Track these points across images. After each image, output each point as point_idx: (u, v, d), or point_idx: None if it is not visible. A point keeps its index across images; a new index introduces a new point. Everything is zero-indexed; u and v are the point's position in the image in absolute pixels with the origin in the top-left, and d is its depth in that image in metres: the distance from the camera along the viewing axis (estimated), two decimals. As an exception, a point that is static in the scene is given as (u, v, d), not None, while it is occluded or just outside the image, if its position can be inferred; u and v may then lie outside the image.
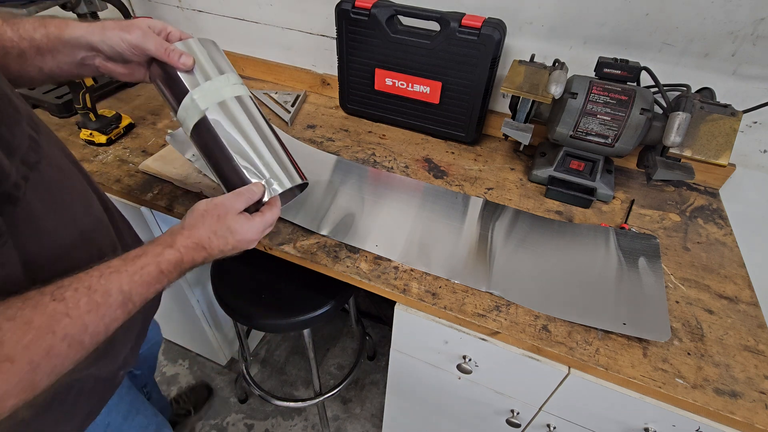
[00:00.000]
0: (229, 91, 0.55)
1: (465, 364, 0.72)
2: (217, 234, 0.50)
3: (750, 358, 0.62)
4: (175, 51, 0.52)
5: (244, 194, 0.52)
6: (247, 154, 0.54)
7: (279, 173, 0.55)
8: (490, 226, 0.79)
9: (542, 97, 0.78)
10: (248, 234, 0.52)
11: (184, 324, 1.26)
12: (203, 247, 0.49)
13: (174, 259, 0.46)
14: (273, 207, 0.55)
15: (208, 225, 0.50)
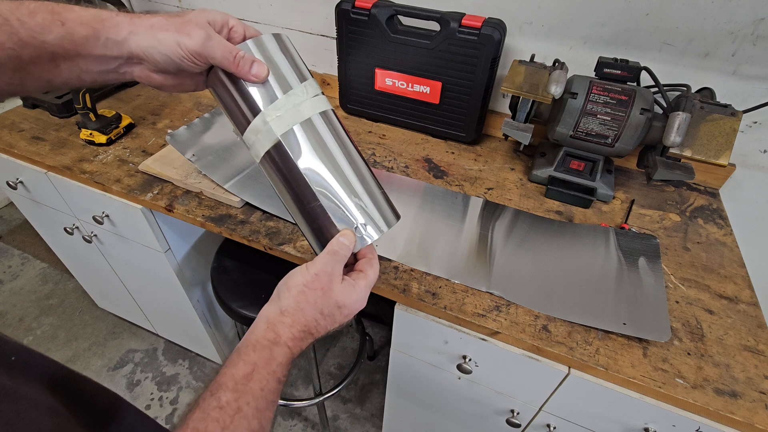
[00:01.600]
0: (311, 107, 0.42)
1: (465, 364, 0.72)
2: (324, 314, 0.40)
3: (750, 358, 0.62)
4: (246, 59, 0.40)
5: (340, 253, 0.41)
6: (336, 192, 0.42)
7: (374, 214, 0.44)
8: (490, 226, 0.79)
9: (542, 97, 0.78)
10: (356, 305, 0.42)
11: (184, 324, 1.26)
12: (311, 333, 0.40)
13: (285, 359, 0.37)
14: (372, 260, 0.45)
15: (312, 304, 0.40)
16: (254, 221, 0.79)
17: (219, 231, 0.79)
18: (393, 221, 0.46)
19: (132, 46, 0.38)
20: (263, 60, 0.41)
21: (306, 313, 0.39)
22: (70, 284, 1.71)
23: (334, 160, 0.42)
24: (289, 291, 0.40)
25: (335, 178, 0.42)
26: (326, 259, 0.41)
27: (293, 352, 0.38)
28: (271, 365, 0.36)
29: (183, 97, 1.14)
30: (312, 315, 0.39)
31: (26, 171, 0.97)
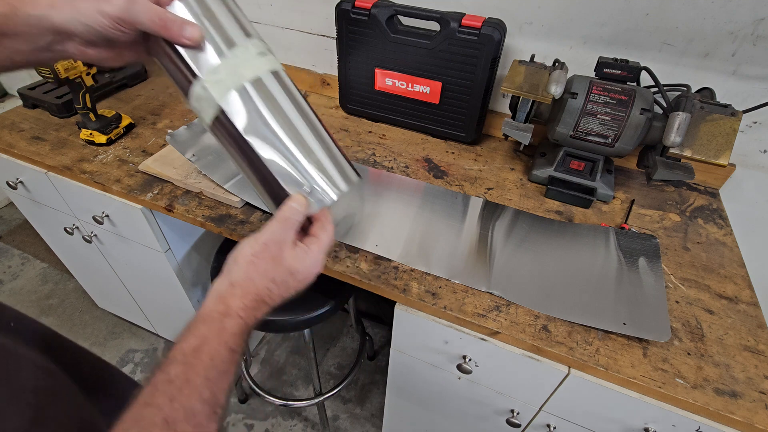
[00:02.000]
0: (253, 69, 0.40)
1: (465, 364, 0.72)
2: (276, 282, 0.40)
3: (750, 358, 0.62)
4: (175, 21, 0.37)
5: (290, 220, 0.41)
6: (285, 156, 0.41)
7: (330, 176, 0.43)
8: (490, 226, 0.79)
9: (542, 97, 0.78)
10: (310, 269, 0.42)
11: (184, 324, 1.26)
12: (264, 302, 0.39)
13: (238, 329, 0.37)
14: (325, 224, 0.44)
15: (262, 273, 0.39)
16: (254, 221, 0.79)
17: (219, 231, 0.79)
18: (351, 182, 0.44)
19: (54, 20, 0.36)
20: (196, 21, 0.38)
21: (256, 283, 0.39)
22: (70, 284, 1.71)
23: (282, 124, 0.41)
24: (237, 263, 0.40)
25: (283, 142, 0.41)
26: (275, 228, 0.40)
27: (247, 322, 0.37)
28: (223, 336, 0.35)
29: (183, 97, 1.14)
30: (263, 284, 0.39)
31: (26, 171, 0.97)
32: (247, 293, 0.38)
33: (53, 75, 0.82)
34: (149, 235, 0.94)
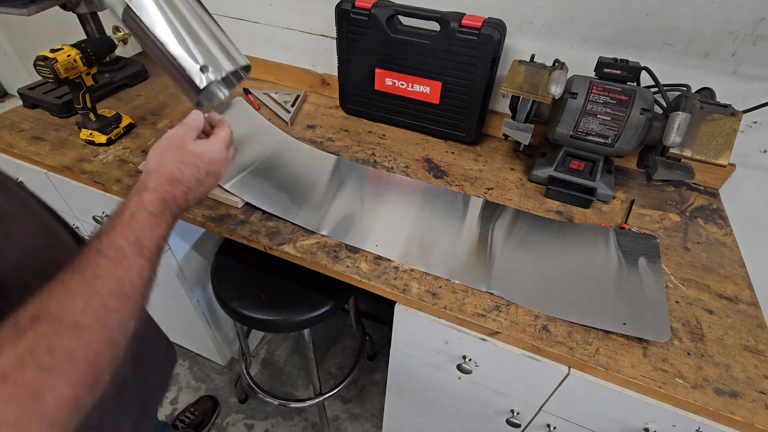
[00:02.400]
0: None
1: (465, 364, 0.72)
2: (184, 163, 0.49)
3: (750, 358, 0.62)
4: None
5: (191, 122, 0.53)
6: (179, 40, 0.52)
7: (217, 58, 0.54)
8: (490, 226, 0.79)
9: (542, 97, 0.78)
10: (214, 153, 0.52)
11: (184, 324, 1.26)
12: (178, 180, 0.47)
13: (155, 198, 0.44)
14: (221, 122, 0.56)
15: (170, 158, 0.48)
16: (254, 221, 0.79)
17: (219, 231, 0.79)
18: (237, 63, 0.55)
19: None
20: None
21: (167, 164, 0.47)
22: (70, 284, 1.70)
23: (177, 15, 0.52)
24: (150, 157, 0.49)
25: (178, 30, 0.52)
26: (177, 128, 0.52)
27: (164, 196, 0.45)
28: (140, 202, 0.43)
29: (183, 97, 1.14)
30: (173, 164, 0.48)
31: (26, 171, 0.97)
32: (161, 174, 0.47)
33: (53, 75, 0.82)
34: (149, 235, 0.94)
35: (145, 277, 0.38)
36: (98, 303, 0.33)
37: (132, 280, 0.37)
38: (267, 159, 0.91)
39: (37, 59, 0.82)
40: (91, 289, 0.33)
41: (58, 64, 0.82)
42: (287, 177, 0.87)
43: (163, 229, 0.43)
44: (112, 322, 0.33)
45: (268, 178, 0.86)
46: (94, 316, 0.32)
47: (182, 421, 1.29)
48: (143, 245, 0.39)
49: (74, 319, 0.30)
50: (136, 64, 1.20)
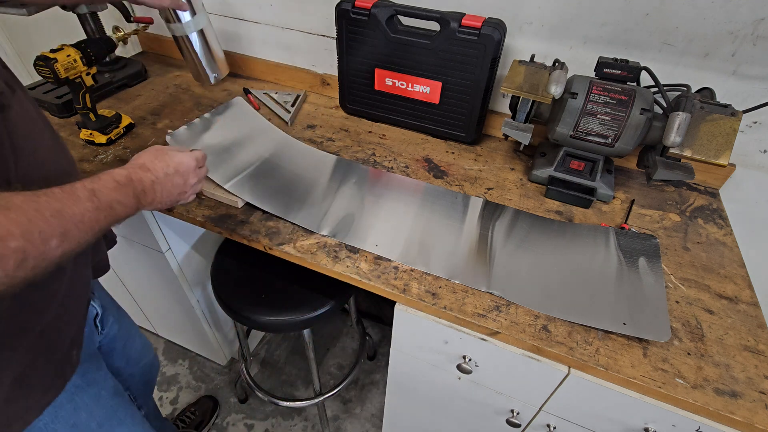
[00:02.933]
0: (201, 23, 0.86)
1: (465, 364, 0.72)
2: (157, 158, 0.59)
3: (750, 358, 0.62)
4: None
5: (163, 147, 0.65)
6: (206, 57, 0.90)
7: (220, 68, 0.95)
8: (490, 226, 0.79)
9: (542, 97, 0.78)
10: (185, 159, 0.62)
11: (184, 324, 1.26)
12: (147, 168, 0.56)
13: (123, 173, 0.52)
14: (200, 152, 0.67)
15: (147, 154, 0.60)
16: (254, 221, 0.79)
17: (219, 231, 0.79)
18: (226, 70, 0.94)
19: None
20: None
21: (142, 156, 0.59)
22: (70, 284, 1.70)
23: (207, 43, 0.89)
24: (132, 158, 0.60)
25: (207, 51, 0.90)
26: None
27: (132, 175, 0.53)
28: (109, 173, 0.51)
29: (183, 97, 1.14)
30: (147, 157, 0.58)
31: (26, 171, 0.97)
32: (135, 162, 0.57)
33: (53, 75, 0.82)
34: (149, 235, 0.94)
35: (87, 219, 0.44)
36: (33, 207, 0.39)
37: (73, 211, 0.42)
38: (267, 159, 0.91)
39: (37, 59, 0.82)
40: (31, 202, 0.39)
41: (58, 64, 0.82)
42: (287, 177, 0.87)
43: (121, 196, 0.50)
44: (39, 224, 0.38)
45: (268, 178, 0.86)
46: (25, 211, 0.38)
47: (182, 421, 1.29)
48: (95, 195, 0.46)
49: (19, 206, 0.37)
50: (136, 64, 1.20)
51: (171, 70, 1.26)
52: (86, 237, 0.44)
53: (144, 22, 1.09)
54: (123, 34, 1.01)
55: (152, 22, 1.12)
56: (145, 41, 1.35)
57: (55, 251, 0.40)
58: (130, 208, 0.51)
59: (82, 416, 0.57)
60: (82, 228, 0.43)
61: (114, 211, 0.48)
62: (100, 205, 0.46)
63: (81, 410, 0.57)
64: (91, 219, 0.44)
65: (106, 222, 0.47)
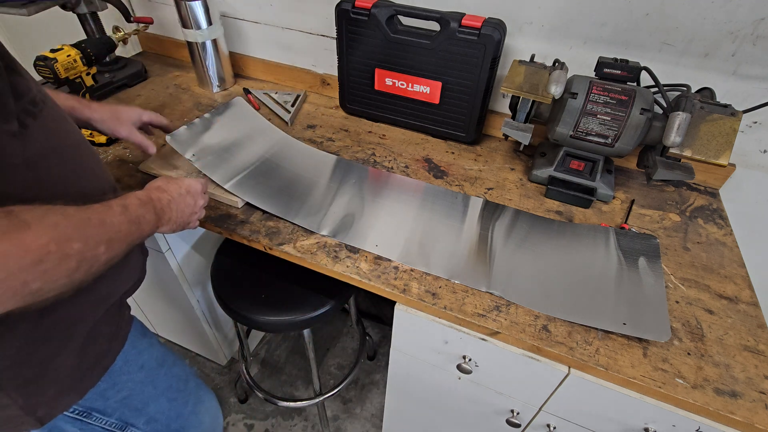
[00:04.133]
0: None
1: (465, 364, 0.72)
2: (169, 182, 0.65)
3: (750, 358, 0.62)
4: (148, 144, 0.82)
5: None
6: None
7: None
8: (490, 226, 0.79)
9: (542, 97, 0.78)
10: (192, 182, 0.68)
11: (184, 324, 1.26)
12: (163, 190, 0.62)
13: (143, 194, 0.57)
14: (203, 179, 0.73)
15: (161, 179, 0.65)
16: (254, 221, 0.79)
17: (219, 231, 0.79)
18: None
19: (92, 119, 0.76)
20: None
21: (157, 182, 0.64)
22: (70, 284, 1.70)
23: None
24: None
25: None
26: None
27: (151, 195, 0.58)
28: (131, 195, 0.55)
29: (183, 97, 1.14)
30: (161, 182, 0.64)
31: (26, 171, 0.97)
32: (151, 185, 0.63)
33: (53, 75, 0.82)
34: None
35: (123, 230, 0.49)
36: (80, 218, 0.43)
37: (113, 221, 0.47)
38: (267, 159, 0.91)
39: (37, 59, 0.82)
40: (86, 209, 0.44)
41: (58, 64, 0.82)
42: (287, 177, 0.87)
43: (145, 212, 0.54)
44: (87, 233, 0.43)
45: (268, 178, 0.86)
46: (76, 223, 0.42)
47: None
48: (127, 210, 0.50)
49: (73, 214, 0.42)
50: (136, 64, 1.20)
51: (171, 70, 1.26)
52: (123, 247, 0.49)
53: (144, 22, 1.10)
54: (123, 34, 1.02)
55: (152, 22, 1.12)
56: (145, 41, 1.35)
57: (102, 256, 0.45)
58: (152, 224, 0.56)
59: (144, 357, 0.68)
60: (121, 237, 0.48)
61: (140, 226, 0.53)
62: (131, 218, 0.51)
63: (143, 353, 0.68)
64: (125, 231, 0.49)
65: (137, 235, 0.52)
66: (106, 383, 0.62)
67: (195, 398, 0.80)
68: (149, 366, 0.69)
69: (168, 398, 0.73)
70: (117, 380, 0.63)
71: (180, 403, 0.76)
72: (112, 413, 0.64)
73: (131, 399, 0.66)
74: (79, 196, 0.51)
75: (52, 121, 0.50)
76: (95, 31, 1.11)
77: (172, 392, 0.74)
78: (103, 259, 0.45)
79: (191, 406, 0.79)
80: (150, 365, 0.69)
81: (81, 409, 0.60)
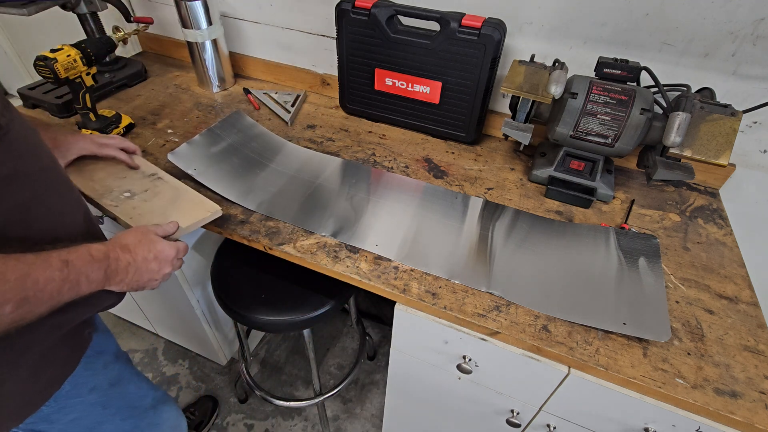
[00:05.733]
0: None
1: (465, 364, 0.72)
2: (140, 243, 0.59)
3: (750, 358, 0.62)
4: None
5: (161, 225, 0.65)
6: None
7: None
8: (490, 226, 0.79)
9: (542, 97, 0.78)
10: (166, 248, 0.62)
11: (184, 324, 1.26)
12: (129, 250, 0.57)
13: (102, 249, 0.53)
14: (183, 244, 0.67)
15: (133, 235, 0.59)
16: (254, 221, 0.79)
17: (219, 231, 0.79)
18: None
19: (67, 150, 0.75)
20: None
21: (127, 237, 0.59)
22: (70, 284, 1.70)
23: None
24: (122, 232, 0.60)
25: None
26: (150, 225, 0.64)
27: (110, 254, 0.54)
28: (89, 247, 0.52)
29: (183, 97, 1.14)
30: (132, 240, 0.58)
31: (26, 171, 0.97)
32: (118, 240, 0.57)
33: (53, 75, 0.82)
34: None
35: (48, 288, 0.45)
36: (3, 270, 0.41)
37: (37, 278, 0.43)
38: (268, 167, 0.91)
39: (37, 59, 0.82)
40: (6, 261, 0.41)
41: (58, 64, 0.82)
42: (288, 180, 0.88)
43: (92, 271, 0.50)
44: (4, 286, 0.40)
45: (270, 185, 0.86)
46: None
47: None
48: (67, 266, 0.47)
49: None
50: (136, 64, 1.20)
51: (171, 70, 1.26)
52: (42, 309, 0.45)
53: (144, 22, 1.09)
54: (123, 34, 1.01)
55: (152, 22, 1.12)
56: (145, 41, 1.35)
57: (6, 317, 0.41)
58: (97, 283, 0.52)
59: (98, 379, 0.66)
60: (43, 298, 0.44)
61: (78, 285, 0.49)
62: (68, 276, 0.47)
63: (96, 375, 0.66)
64: (53, 290, 0.45)
65: (69, 295, 0.48)
66: (51, 407, 0.59)
67: (153, 412, 0.80)
68: (101, 387, 0.67)
69: (122, 417, 0.72)
70: (64, 404, 0.61)
71: (136, 419, 0.76)
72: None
73: (81, 420, 0.65)
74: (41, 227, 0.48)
75: (17, 146, 0.47)
76: (95, 31, 1.11)
77: (125, 411, 0.73)
78: (7, 320, 0.41)
79: (149, 419, 0.79)
80: (102, 386, 0.67)
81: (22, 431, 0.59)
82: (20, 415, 0.56)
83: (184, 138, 0.97)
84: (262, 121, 1.06)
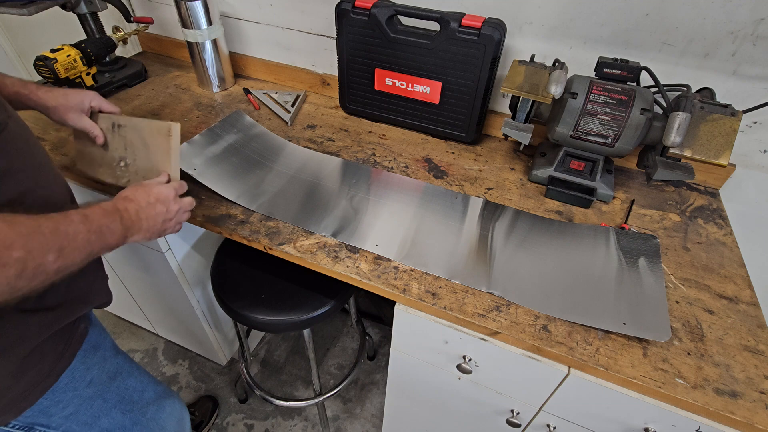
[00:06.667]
0: None
1: (465, 364, 0.72)
2: (137, 191, 0.63)
3: (750, 358, 0.62)
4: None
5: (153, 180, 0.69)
6: None
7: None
8: (490, 226, 0.79)
9: (542, 97, 0.78)
10: (163, 189, 0.65)
11: (184, 324, 1.26)
12: (130, 199, 0.61)
13: (110, 204, 0.57)
14: (178, 182, 0.70)
15: (130, 189, 0.63)
16: (254, 221, 0.79)
17: (219, 231, 0.79)
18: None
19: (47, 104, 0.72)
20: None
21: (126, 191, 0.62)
22: (70, 284, 1.70)
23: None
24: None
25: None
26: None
27: (117, 205, 0.57)
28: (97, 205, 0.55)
29: (183, 97, 1.14)
30: (130, 191, 0.62)
31: (26, 171, 0.97)
32: (119, 196, 0.61)
33: (53, 75, 0.82)
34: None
35: (80, 239, 0.48)
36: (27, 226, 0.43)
37: (68, 230, 0.47)
38: (268, 167, 0.91)
39: (37, 59, 0.82)
40: (37, 217, 0.45)
41: (58, 64, 0.82)
42: (288, 181, 0.88)
43: (109, 221, 0.54)
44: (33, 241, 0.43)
45: (271, 185, 0.86)
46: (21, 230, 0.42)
47: None
48: (87, 219, 0.50)
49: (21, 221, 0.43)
50: (136, 64, 1.20)
51: (171, 70, 1.26)
52: (81, 256, 0.49)
53: (144, 22, 1.10)
54: (123, 34, 1.02)
55: (152, 21, 1.12)
56: (145, 41, 1.35)
57: (52, 265, 0.44)
58: (118, 234, 0.55)
59: (94, 372, 0.67)
60: (78, 246, 0.48)
61: (104, 235, 0.52)
62: (91, 227, 0.50)
63: (93, 369, 0.67)
64: (83, 240, 0.49)
65: (99, 245, 0.52)
66: (48, 400, 0.61)
67: (155, 406, 0.80)
68: (99, 381, 0.68)
69: (122, 410, 0.73)
70: (61, 397, 0.62)
71: (137, 413, 0.76)
72: (57, 427, 0.64)
73: (79, 414, 0.66)
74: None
75: (12, 143, 0.49)
76: (95, 31, 1.11)
77: (125, 404, 0.73)
78: (53, 268, 0.45)
79: (151, 414, 0.79)
80: (100, 380, 0.68)
81: (21, 424, 0.60)
82: (16, 410, 0.58)
83: (184, 138, 0.97)
84: (262, 121, 1.06)
